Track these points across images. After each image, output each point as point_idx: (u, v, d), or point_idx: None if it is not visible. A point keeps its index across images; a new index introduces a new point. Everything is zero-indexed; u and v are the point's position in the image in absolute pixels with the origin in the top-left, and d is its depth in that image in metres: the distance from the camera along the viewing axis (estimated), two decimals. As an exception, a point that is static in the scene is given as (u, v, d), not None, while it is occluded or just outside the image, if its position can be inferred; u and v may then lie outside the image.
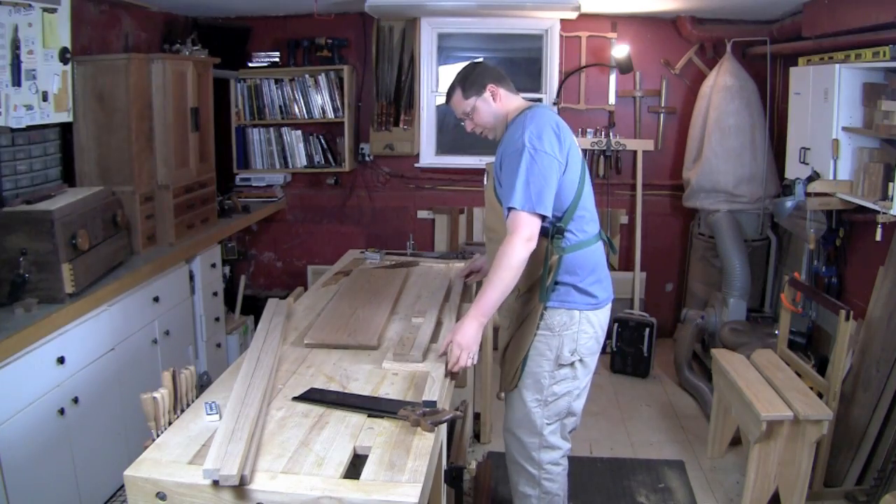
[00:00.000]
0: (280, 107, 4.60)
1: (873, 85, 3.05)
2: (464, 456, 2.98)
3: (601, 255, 2.26)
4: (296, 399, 1.78)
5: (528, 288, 2.20)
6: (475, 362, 2.03)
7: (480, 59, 2.38)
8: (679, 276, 4.81)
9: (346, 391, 1.85)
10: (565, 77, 4.53)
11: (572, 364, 2.22)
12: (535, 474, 2.30)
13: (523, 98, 2.31)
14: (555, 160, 2.05)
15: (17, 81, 2.70)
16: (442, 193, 4.81)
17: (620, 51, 4.29)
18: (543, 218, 2.05)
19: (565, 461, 2.35)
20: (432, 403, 1.71)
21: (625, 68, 4.32)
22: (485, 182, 2.32)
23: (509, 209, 2.03)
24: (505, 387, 2.32)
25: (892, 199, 2.75)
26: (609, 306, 2.30)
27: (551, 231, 2.13)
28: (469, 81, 2.23)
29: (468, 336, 2.00)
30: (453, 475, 2.09)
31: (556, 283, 2.16)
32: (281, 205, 4.82)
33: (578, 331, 2.20)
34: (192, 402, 1.78)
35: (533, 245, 2.02)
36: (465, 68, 2.30)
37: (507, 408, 2.36)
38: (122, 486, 1.46)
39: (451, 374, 1.99)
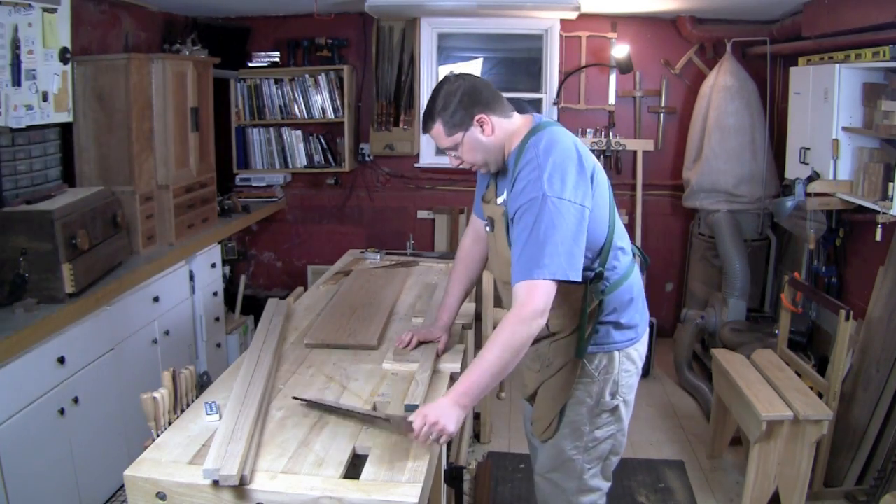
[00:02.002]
0: (280, 107, 4.60)
1: (873, 85, 3.05)
2: (464, 456, 2.98)
3: (639, 279, 2.00)
4: (295, 399, 1.78)
5: (565, 333, 1.89)
6: (442, 444, 1.66)
7: (462, 74, 1.86)
8: (679, 276, 4.81)
9: (346, 390, 1.85)
10: (565, 77, 4.53)
11: (615, 407, 1.95)
12: None
13: (520, 112, 1.91)
14: (582, 208, 1.70)
15: (17, 81, 2.70)
16: (442, 193, 4.80)
17: (620, 51, 4.29)
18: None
19: (604, 500, 2.06)
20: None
21: (625, 68, 4.32)
22: (487, 228, 1.94)
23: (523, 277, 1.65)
24: (537, 435, 2.02)
25: (892, 199, 2.75)
26: (647, 332, 2.07)
27: (588, 277, 1.81)
28: (450, 112, 1.77)
29: (450, 422, 1.56)
30: (453, 475, 2.09)
31: (597, 323, 1.87)
32: (281, 205, 4.82)
33: (619, 371, 1.93)
34: (192, 402, 1.78)
35: (544, 321, 1.65)
36: (444, 90, 1.80)
37: (539, 453, 2.06)
38: (122, 486, 1.46)
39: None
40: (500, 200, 1.89)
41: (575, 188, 1.70)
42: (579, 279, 1.68)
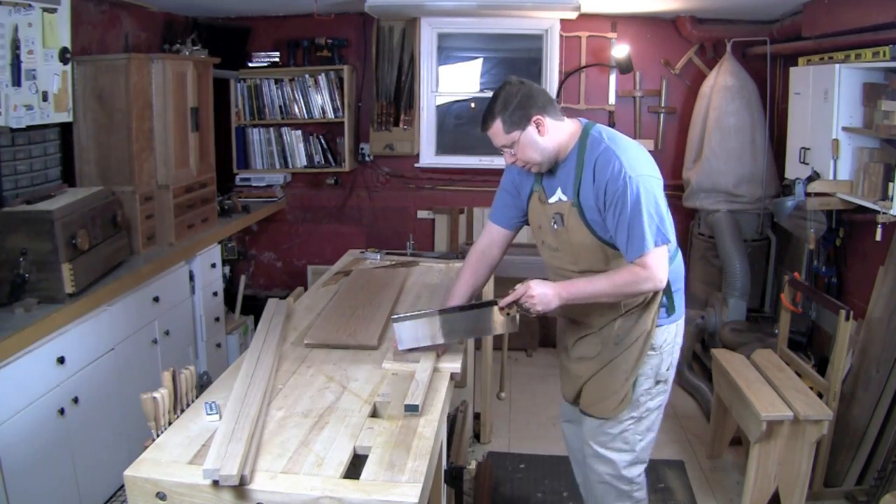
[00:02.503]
0: (280, 107, 4.60)
1: (873, 85, 3.05)
2: (464, 456, 2.98)
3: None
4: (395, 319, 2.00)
5: (635, 312, 2.04)
6: (535, 312, 1.93)
7: (522, 79, 2.01)
8: (679, 276, 4.81)
9: (346, 390, 1.85)
10: (565, 77, 4.53)
11: (666, 379, 2.13)
12: (626, 490, 2.19)
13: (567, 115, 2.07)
14: (660, 180, 1.95)
15: (17, 81, 2.70)
16: (442, 193, 4.80)
17: (620, 51, 4.29)
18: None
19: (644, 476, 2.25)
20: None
21: (625, 68, 4.32)
22: (554, 225, 2.05)
23: (642, 254, 1.87)
24: (605, 414, 2.12)
25: (892, 199, 2.75)
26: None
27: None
28: (510, 112, 1.93)
29: (544, 304, 1.89)
30: (453, 475, 2.09)
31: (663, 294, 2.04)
32: (281, 205, 4.82)
33: (674, 344, 2.11)
34: (192, 402, 1.78)
35: (661, 286, 1.90)
36: (505, 92, 1.96)
37: (591, 430, 2.17)
38: (122, 486, 1.46)
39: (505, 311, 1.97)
40: (553, 199, 2.05)
41: (648, 164, 1.94)
42: (673, 239, 1.93)
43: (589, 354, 2.14)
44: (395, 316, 2.03)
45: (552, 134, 1.97)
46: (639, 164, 1.91)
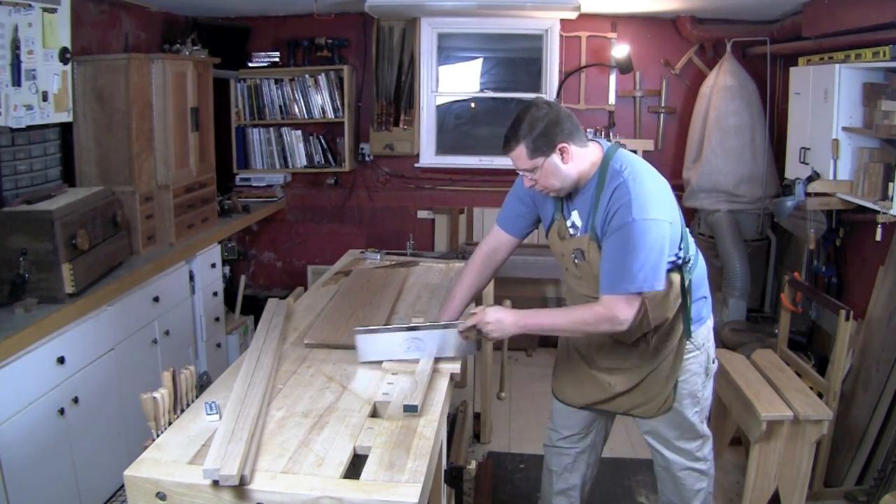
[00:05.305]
0: (280, 107, 4.60)
1: (873, 85, 3.05)
2: (464, 456, 2.98)
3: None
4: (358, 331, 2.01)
5: (665, 322, 2.09)
6: (492, 338, 2.01)
7: (549, 101, 1.97)
8: (679, 276, 4.81)
9: (346, 390, 1.85)
10: (565, 77, 4.53)
11: (713, 371, 2.24)
12: (703, 469, 2.29)
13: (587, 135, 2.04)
14: (668, 224, 1.89)
15: (17, 81, 2.70)
16: (442, 193, 4.80)
17: (620, 51, 4.29)
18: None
19: None
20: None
21: (625, 68, 4.32)
22: (576, 260, 2.05)
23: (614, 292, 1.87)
24: (650, 415, 2.19)
25: (892, 199, 2.75)
26: None
27: (681, 263, 2.04)
28: (535, 137, 1.87)
29: (499, 332, 1.96)
30: (453, 475, 2.09)
31: (692, 302, 2.10)
32: (281, 205, 4.82)
33: (709, 339, 2.20)
34: (192, 402, 1.78)
35: (622, 329, 1.88)
36: (531, 115, 1.89)
37: (661, 428, 2.23)
38: (122, 486, 1.46)
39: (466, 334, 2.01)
40: (569, 223, 2.06)
41: (660, 206, 1.88)
42: (663, 288, 1.91)
43: (624, 366, 2.16)
44: (357, 328, 2.04)
45: (575, 161, 1.93)
46: (649, 206, 1.85)
